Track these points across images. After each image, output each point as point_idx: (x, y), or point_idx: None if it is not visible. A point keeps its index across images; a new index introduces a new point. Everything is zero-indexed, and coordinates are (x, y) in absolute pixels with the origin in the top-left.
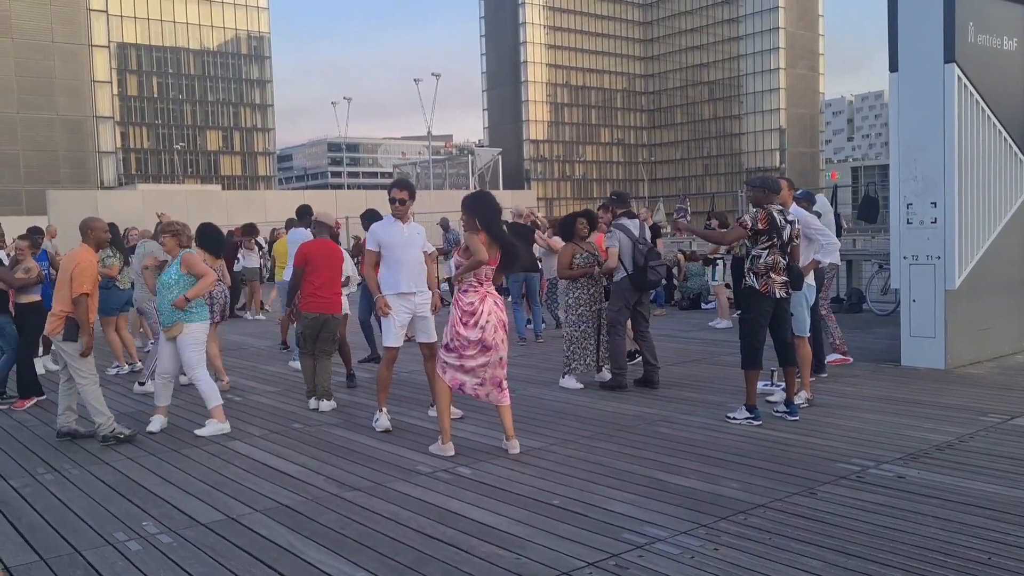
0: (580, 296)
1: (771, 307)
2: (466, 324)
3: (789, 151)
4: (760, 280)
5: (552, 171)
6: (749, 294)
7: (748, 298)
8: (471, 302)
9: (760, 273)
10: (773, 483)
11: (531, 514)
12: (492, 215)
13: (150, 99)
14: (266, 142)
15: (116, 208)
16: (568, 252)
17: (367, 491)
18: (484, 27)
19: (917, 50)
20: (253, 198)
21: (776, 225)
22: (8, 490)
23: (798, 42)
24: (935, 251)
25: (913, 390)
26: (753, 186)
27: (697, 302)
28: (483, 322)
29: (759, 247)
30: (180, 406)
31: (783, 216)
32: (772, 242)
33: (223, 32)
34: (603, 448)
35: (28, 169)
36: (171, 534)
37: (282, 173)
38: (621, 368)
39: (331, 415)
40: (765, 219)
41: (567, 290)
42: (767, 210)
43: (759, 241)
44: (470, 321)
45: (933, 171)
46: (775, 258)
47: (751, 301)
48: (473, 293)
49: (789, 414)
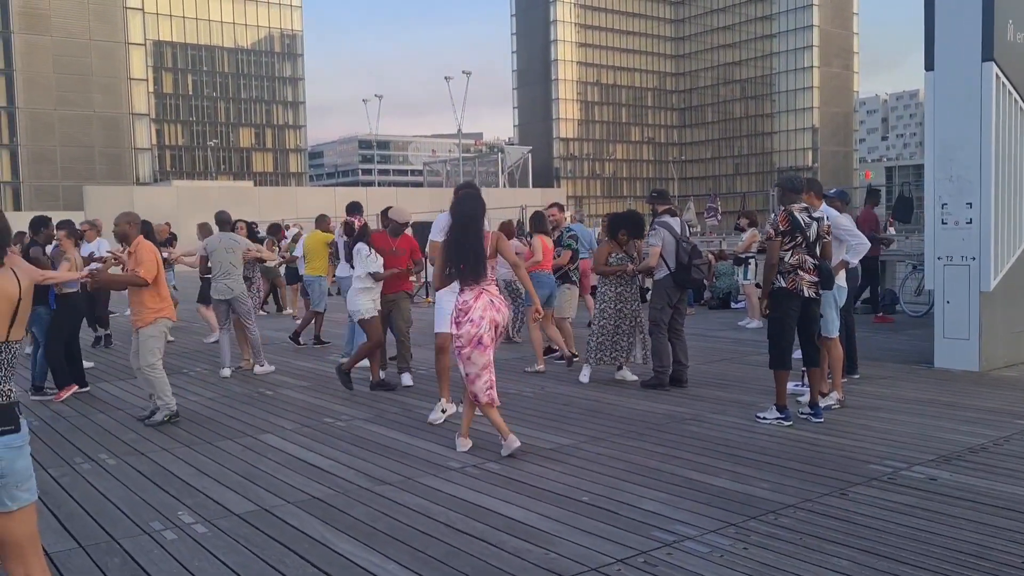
0: (607, 293)
1: (799, 306)
2: (459, 324)
3: (822, 150)
4: (787, 278)
5: (582, 169)
6: (777, 294)
7: (775, 297)
8: (465, 300)
9: (786, 272)
10: (804, 484)
11: (561, 510)
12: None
13: (185, 96)
14: (298, 139)
15: (151, 204)
16: (604, 250)
17: (398, 485)
18: (515, 25)
19: (954, 48)
20: (284, 194)
21: (799, 225)
22: (48, 479)
23: (832, 40)
24: (970, 252)
25: (946, 392)
26: (777, 187)
27: (727, 301)
28: (476, 317)
29: (783, 248)
30: (214, 399)
31: (807, 214)
32: (796, 241)
33: (257, 30)
34: (633, 446)
35: (65, 165)
36: (206, 524)
37: (313, 170)
38: (664, 367)
39: (362, 410)
40: (785, 219)
41: (601, 284)
42: (787, 210)
43: (784, 242)
44: (463, 319)
45: (969, 171)
46: (800, 257)
47: (778, 300)
48: (468, 291)
49: (813, 415)
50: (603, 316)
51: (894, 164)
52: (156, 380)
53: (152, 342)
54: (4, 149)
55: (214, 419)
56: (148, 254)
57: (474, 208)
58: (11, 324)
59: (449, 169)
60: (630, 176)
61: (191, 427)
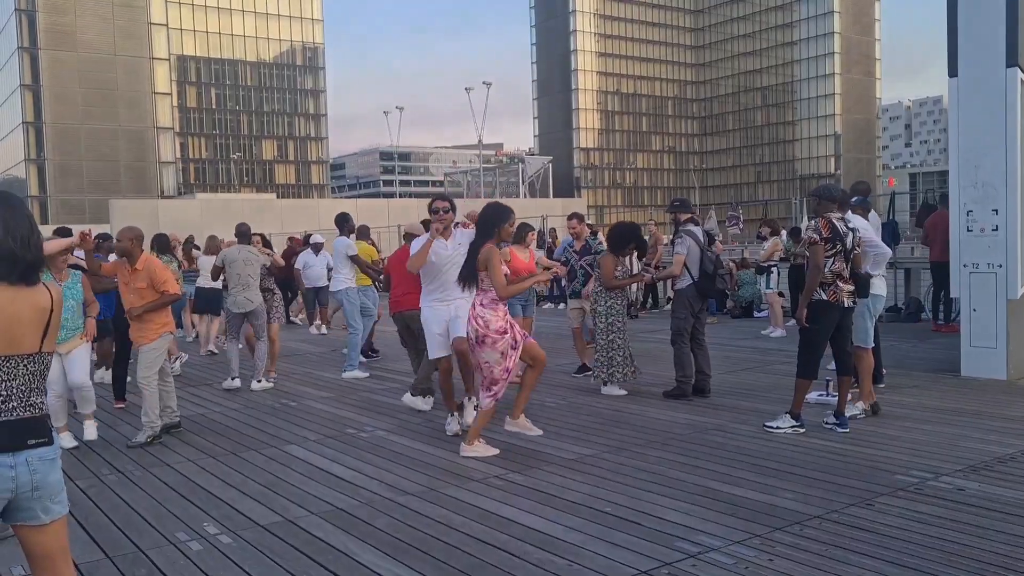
0: (612, 305)
1: (837, 317)
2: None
3: (845, 157)
4: (828, 290)
5: (603, 179)
6: (817, 305)
7: (816, 309)
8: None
9: (828, 283)
10: (829, 494)
11: (584, 521)
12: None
13: (208, 110)
14: (319, 151)
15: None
16: (611, 262)
17: (421, 496)
18: (535, 35)
19: (978, 54)
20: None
21: (838, 233)
22: (75, 490)
23: (854, 47)
24: (996, 259)
25: (973, 401)
26: (813, 195)
27: (749, 310)
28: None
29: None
30: (238, 410)
31: (844, 223)
32: (836, 250)
33: (279, 44)
34: (656, 456)
35: (91, 179)
36: (231, 535)
37: (335, 182)
38: (687, 377)
39: (385, 421)
40: (827, 226)
41: (600, 299)
42: (827, 218)
43: (827, 249)
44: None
45: (995, 177)
46: (840, 265)
47: (819, 312)
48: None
49: (839, 425)
50: (612, 330)
51: (918, 171)
52: (149, 395)
53: (155, 355)
54: (32, 163)
55: (238, 430)
56: (162, 271)
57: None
58: (44, 336)
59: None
60: (651, 185)
61: (216, 438)
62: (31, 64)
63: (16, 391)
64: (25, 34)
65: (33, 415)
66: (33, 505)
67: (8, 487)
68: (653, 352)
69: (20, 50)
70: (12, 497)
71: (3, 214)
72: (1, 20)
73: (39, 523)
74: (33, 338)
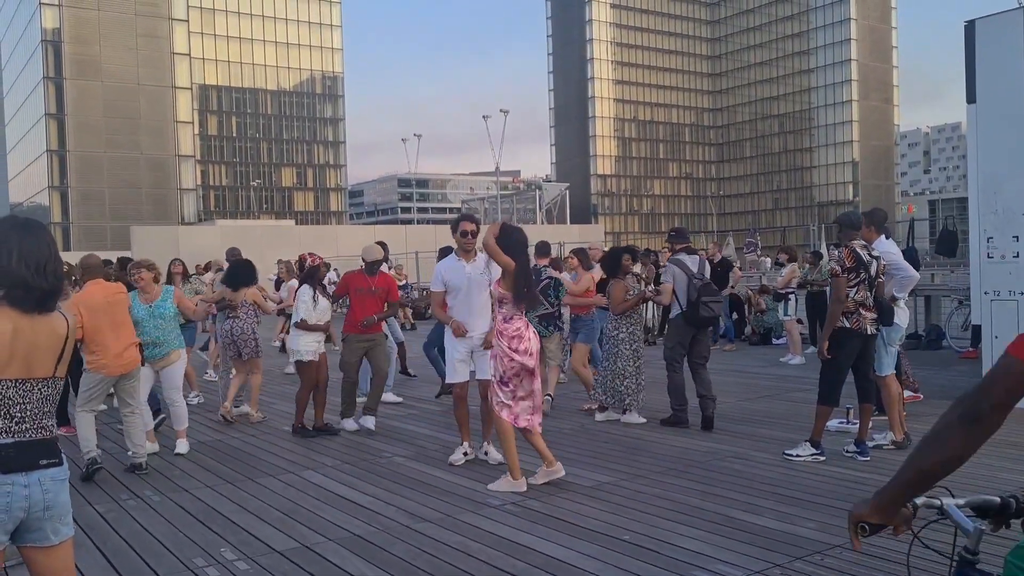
0: (620, 335)
1: (859, 344)
2: (516, 350)
3: (863, 184)
4: (851, 318)
5: (620, 206)
6: (840, 333)
7: (838, 338)
8: (518, 327)
9: (850, 311)
10: None
11: (602, 549)
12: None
13: (229, 138)
14: (338, 178)
15: (196, 243)
16: (621, 287)
17: (438, 523)
18: (552, 63)
19: (996, 80)
20: (325, 233)
21: (862, 261)
22: (94, 515)
23: (871, 74)
24: (1018, 287)
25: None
26: (836, 223)
27: (768, 337)
28: (532, 348)
29: (848, 285)
30: (255, 435)
31: (867, 251)
32: (860, 278)
33: (299, 73)
34: (674, 484)
35: (113, 206)
36: (248, 560)
37: (353, 208)
38: (682, 405)
39: (403, 447)
40: (850, 256)
41: (614, 326)
42: (850, 247)
43: (849, 279)
44: (520, 347)
45: (1015, 204)
46: (864, 294)
47: (842, 341)
48: (518, 319)
49: (859, 454)
50: (620, 358)
51: (937, 197)
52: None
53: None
54: (55, 191)
55: (256, 455)
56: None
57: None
58: (58, 361)
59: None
60: (668, 212)
61: (233, 463)
62: (56, 93)
63: (30, 413)
64: (51, 64)
65: (44, 437)
66: (44, 526)
67: (22, 505)
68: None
69: (45, 79)
70: (24, 517)
71: (19, 241)
72: (28, 50)
73: (49, 544)
74: (48, 363)
